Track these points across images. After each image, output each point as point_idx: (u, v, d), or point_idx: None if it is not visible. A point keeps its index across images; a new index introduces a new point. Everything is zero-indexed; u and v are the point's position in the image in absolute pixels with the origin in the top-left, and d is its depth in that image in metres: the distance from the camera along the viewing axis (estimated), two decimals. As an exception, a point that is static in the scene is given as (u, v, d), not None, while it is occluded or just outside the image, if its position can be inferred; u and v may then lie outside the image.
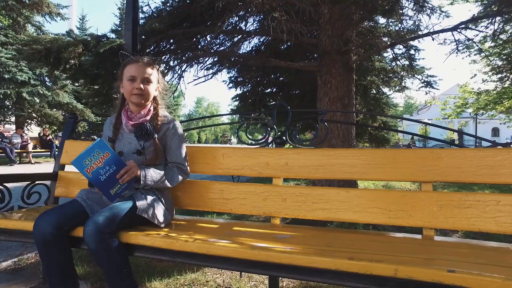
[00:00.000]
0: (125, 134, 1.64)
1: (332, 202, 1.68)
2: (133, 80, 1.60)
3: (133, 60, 1.65)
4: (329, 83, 3.69)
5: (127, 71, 1.63)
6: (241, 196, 1.81)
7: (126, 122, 1.63)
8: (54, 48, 2.14)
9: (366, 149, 1.73)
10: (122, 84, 1.68)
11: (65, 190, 2.09)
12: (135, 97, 1.60)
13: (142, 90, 1.59)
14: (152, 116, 1.66)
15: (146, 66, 1.62)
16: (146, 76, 1.60)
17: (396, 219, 1.57)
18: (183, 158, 1.69)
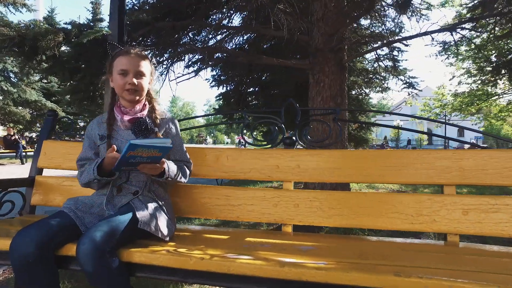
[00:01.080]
0: (120, 131, 1.44)
1: (350, 208, 1.56)
2: (124, 74, 1.41)
3: (123, 52, 1.45)
4: (322, 82, 3.60)
5: (117, 64, 1.43)
6: (249, 202, 1.65)
7: (121, 118, 1.43)
8: (30, 35, 1.86)
9: (383, 150, 1.63)
10: (112, 78, 1.47)
11: (44, 197, 1.83)
12: (127, 93, 1.41)
13: (136, 85, 1.40)
14: (149, 110, 1.48)
15: (139, 58, 1.43)
16: (139, 70, 1.41)
17: (420, 224, 1.47)
18: (186, 154, 1.55)
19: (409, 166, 1.55)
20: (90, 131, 1.52)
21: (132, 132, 1.42)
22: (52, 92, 12.33)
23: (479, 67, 6.16)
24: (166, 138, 1.34)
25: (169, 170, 1.35)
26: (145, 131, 1.41)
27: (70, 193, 1.80)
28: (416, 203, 1.50)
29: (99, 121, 1.51)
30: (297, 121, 1.79)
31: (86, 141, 1.52)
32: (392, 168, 1.57)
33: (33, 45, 1.89)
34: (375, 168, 1.58)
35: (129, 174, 1.40)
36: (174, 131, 1.51)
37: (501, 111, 8.04)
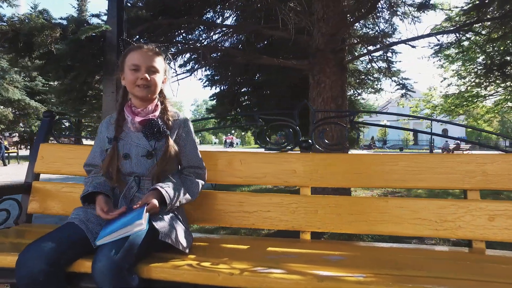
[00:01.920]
0: (130, 133, 1.33)
1: (370, 214, 1.50)
2: (136, 70, 1.31)
3: (136, 47, 1.37)
4: (323, 83, 3.55)
5: (129, 59, 1.34)
6: (264, 208, 1.58)
7: (132, 118, 1.32)
8: (25, 30, 1.72)
9: (404, 154, 1.58)
10: (124, 75, 1.37)
11: (41, 205, 1.70)
12: (139, 90, 1.31)
13: (148, 81, 1.30)
14: (161, 111, 1.38)
15: (152, 53, 1.34)
16: (151, 65, 1.32)
17: (444, 231, 1.43)
18: (201, 159, 1.44)
19: (430, 171, 1.51)
20: (100, 133, 1.41)
21: (143, 135, 1.32)
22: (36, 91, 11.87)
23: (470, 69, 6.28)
24: (138, 215, 1.07)
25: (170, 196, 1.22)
26: (157, 134, 1.31)
27: (69, 200, 1.68)
28: (439, 208, 1.46)
29: (109, 122, 1.41)
30: (313, 123, 1.72)
31: (95, 144, 1.41)
32: (413, 173, 1.52)
33: (27, 41, 1.75)
34: (397, 173, 1.54)
35: (140, 182, 1.30)
36: (186, 132, 1.41)
37: (488, 112, 8.26)
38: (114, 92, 2.25)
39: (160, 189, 1.22)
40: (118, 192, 1.31)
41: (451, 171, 1.49)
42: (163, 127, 1.32)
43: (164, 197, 1.21)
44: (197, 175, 1.42)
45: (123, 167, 1.29)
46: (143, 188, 1.30)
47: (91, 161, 1.39)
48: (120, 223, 1.06)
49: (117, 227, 1.04)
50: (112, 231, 1.03)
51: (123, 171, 1.30)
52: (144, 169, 1.29)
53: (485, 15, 3.70)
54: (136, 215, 1.06)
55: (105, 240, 1.02)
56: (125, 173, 1.30)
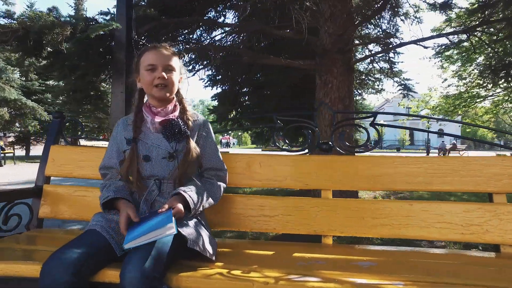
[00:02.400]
0: (150, 134, 1.28)
1: (394, 217, 1.47)
2: (153, 70, 1.27)
3: (150, 47, 1.32)
4: (330, 83, 3.52)
5: (144, 60, 1.30)
6: (286, 212, 1.54)
7: (151, 119, 1.28)
8: (36, 28, 1.65)
9: (426, 157, 1.55)
10: (139, 77, 1.33)
11: (52, 209, 1.64)
12: (157, 90, 1.27)
13: (165, 80, 1.26)
14: (180, 111, 1.34)
15: (167, 52, 1.30)
16: (168, 64, 1.28)
17: (470, 235, 1.40)
18: (221, 161, 1.40)
19: (455, 174, 1.48)
20: (116, 134, 1.36)
21: (164, 136, 1.27)
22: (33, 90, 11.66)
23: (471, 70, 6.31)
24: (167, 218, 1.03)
25: (194, 201, 1.18)
26: (178, 135, 1.26)
27: (82, 205, 1.63)
28: (465, 212, 1.43)
29: (125, 123, 1.35)
30: (333, 125, 1.68)
31: (111, 145, 1.36)
32: (438, 175, 1.50)
33: (37, 39, 1.69)
34: (420, 175, 1.51)
35: (160, 185, 1.25)
36: (207, 136, 1.37)
37: (487, 112, 8.31)
38: (123, 92, 2.20)
39: (183, 193, 1.17)
40: (138, 196, 1.26)
41: (476, 173, 1.46)
42: (184, 128, 1.28)
43: (188, 202, 1.16)
44: (218, 177, 1.38)
45: (143, 169, 1.25)
46: (164, 191, 1.25)
47: (107, 163, 1.34)
48: (147, 226, 1.02)
49: (145, 230, 0.99)
50: (140, 234, 0.99)
51: (143, 174, 1.25)
52: (165, 172, 1.24)
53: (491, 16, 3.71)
54: (164, 219, 1.02)
55: (132, 244, 0.98)
56: (145, 176, 1.25)
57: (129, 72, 2.23)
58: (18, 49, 1.78)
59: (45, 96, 12.21)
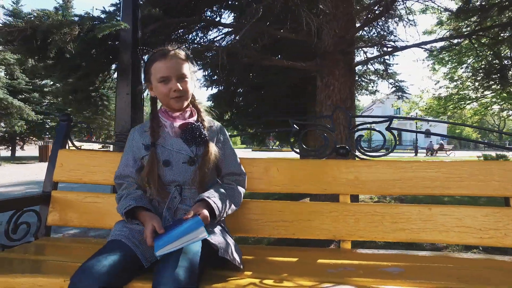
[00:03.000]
0: (169, 139, 1.25)
1: (413, 222, 1.48)
2: (166, 81, 1.23)
3: (159, 56, 1.25)
4: (332, 85, 3.52)
5: (156, 72, 1.25)
6: (305, 217, 1.52)
7: (171, 123, 1.24)
8: (43, 27, 1.57)
9: (446, 161, 1.56)
10: (152, 87, 1.30)
11: (62, 216, 1.58)
12: (174, 102, 1.25)
13: (181, 90, 1.23)
14: (199, 116, 1.31)
15: (178, 59, 1.25)
16: (181, 73, 1.24)
17: (489, 239, 1.42)
18: (240, 165, 1.38)
19: (472, 178, 1.50)
20: (132, 141, 1.31)
21: (184, 140, 1.24)
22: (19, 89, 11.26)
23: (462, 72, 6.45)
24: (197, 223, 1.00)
25: (219, 207, 1.15)
26: (198, 138, 1.23)
27: (93, 211, 1.57)
28: (483, 216, 1.44)
29: (142, 130, 1.31)
30: (349, 128, 1.68)
31: (126, 153, 1.31)
32: (455, 180, 1.51)
33: (45, 39, 1.61)
34: (438, 180, 1.51)
35: (182, 191, 1.22)
36: (224, 141, 1.35)
37: (476, 114, 8.53)
38: (129, 94, 2.14)
39: (207, 199, 1.14)
40: (157, 204, 1.22)
41: (494, 178, 1.48)
42: (204, 132, 1.25)
43: (213, 208, 1.13)
44: (238, 182, 1.35)
45: (163, 175, 1.21)
46: (185, 198, 1.22)
47: (123, 171, 1.29)
48: (177, 232, 0.98)
49: (176, 236, 0.96)
50: (171, 240, 0.95)
51: (163, 180, 1.21)
52: (186, 177, 1.21)
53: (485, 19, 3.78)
54: (194, 224, 0.99)
55: (165, 251, 0.94)
56: (166, 182, 1.22)
57: (135, 73, 2.17)
58: (22, 49, 1.70)
59: (32, 95, 11.83)
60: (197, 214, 1.07)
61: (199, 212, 1.08)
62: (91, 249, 1.43)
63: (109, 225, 1.55)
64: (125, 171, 1.29)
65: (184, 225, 1.01)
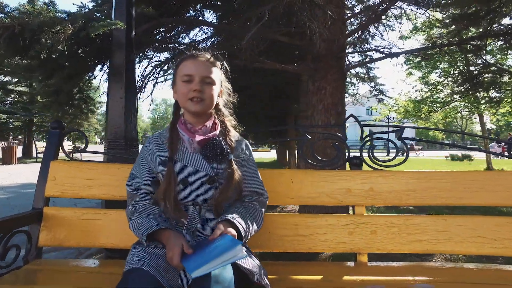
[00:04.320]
0: (187, 155, 1.14)
1: (429, 233, 1.47)
2: (189, 81, 1.14)
3: (189, 56, 1.19)
4: (324, 89, 3.52)
5: (181, 70, 1.17)
6: (321, 230, 1.47)
7: (189, 138, 1.14)
8: (34, 25, 1.39)
9: (457, 171, 1.56)
10: (176, 88, 1.19)
11: (56, 236, 1.42)
12: (191, 104, 1.14)
13: (201, 93, 1.13)
14: (221, 130, 1.20)
15: (207, 62, 1.17)
16: (206, 75, 1.15)
17: (504, 249, 1.44)
18: (262, 185, 1.28)
19: (484, 188, 1.51)
20: (147, 152, 1.19)
21: (204, 156, 1.13)
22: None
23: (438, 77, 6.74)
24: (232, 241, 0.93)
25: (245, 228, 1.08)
26: (220, 156, 1.13)
27: (93, 229, 1.43)
28: (496, 226, 1.46)
29: (158, 141, 1.20)
30: (361, 137, 1.65)
31: (141, 163, 1.18)
32: (468, 190, 1.52)
33: (33, 38, 1.42)
34: (452, 190, 1.52)
35: (200, 210, 1.12)
36: (249, 158, 1.25)
37: (447, 116, 8.96)
38: (122, 97, 1.99)
39: (233, 220, 1.06)
40: (175, 223, 1.12)
41: (504, 188, 1.50)
42: (227, 148, 1.15)
43: (239, 229, 1.05)
44: (260, 203, 1.25)
45: (180, 194, 1.11)
46: (205, 218, 1.12)
47: (138, 182, 1.16)
48: (212, 251, 0.89)
49: (212, 255, 0.86)
50: (207, 260, 0.85)
51: (180, 199, 1.11)
52: (205, 197, 1.11)
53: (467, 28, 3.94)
54: (228, 242, 0.90)
55: (202, 272, 0.83)
56: (183, 201, 1.11)
57: (129, 75, 2.02)
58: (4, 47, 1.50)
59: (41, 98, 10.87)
60: (225, 233, 0.98)
61: (226, 232, 0.99)
62: (90, 274, 1.30)
63: (111, 244, 1.42)
64: (139, 183, 1.17)
65: (215, 243, 0.92)
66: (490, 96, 5.77)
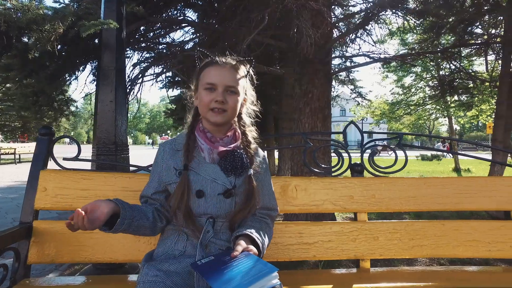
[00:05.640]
0: (204, 165, 1.08)
1: (429, 238, 1.51)
2: (212, 89, 1.07)
3: (213, 62, 1.10)
4: (310, 93, 3.55)
5: (204, 77, 1.09)
6: (325, 238, 1.47)
7: (209, 147, 1.08)
8: (22, 22, 1.27)
9: (454, 177, 1.62)
10: (197, 95, 1.13)
11: (47, 252, 1.32)
12: (213, 114, 1.07)
13: (224, 104, 1.07)
14: (242, 142, 1.15)
15: (232, 69, 1.09)
16: (230, 84, 1.08)
17: (497, 251, 1.51)
18: (275, 200, 1.24)
19: (480, 193, 1.58)
20: (161, 159, 1.12)
21: (222, 168, 1.08)
22: None
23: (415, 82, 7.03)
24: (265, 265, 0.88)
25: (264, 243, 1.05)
26: (240, 170, 1.09)
27: (89, 244, 1.34)
28: (490, 230, 1.53)
29: (173, 148, 1.12)
30: (362, 144, 1.66)
31: (155, 171, 1.13)
32: (464, 196, 1.57)
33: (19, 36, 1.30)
34: (448, 196, 1.57)
35: (214, 223, 1.07)
36: (265, 172, 1.20)
37: (420, 118, 9.38)
38: (112, 101, 1.89)
39: (251, 235, 1.02)
40: (186, 237, 1.07)
41: (499, 193, 1.57)
42: (247, 162, 1.11)
43: (258, 245, 1.02)
44: (271, 217, 1.21)
45: (194, 205, 1.06)
46: (218, 231, 1.08)
47: (145, 192, 1.11)
48: (243, 276, 0.84)
49: (247, 281, 0.82)
50: (244, 284, 0.81)
51: (193, 210, 1.06)
52: (221, 210, 1.07)
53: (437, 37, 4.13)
54: (262, 267, 0.86)
55: None
56: (197, 213, 1.06)
57: (119, 78, 1.93)
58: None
59: None
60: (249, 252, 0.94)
61: (248, 250, 0.95)
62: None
63: (108, 259, 1.34)
64: (147, 192, 1.12)
65: (244, 264, 0.88)
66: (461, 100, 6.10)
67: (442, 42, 5.25)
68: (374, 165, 1.63)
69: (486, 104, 6.63)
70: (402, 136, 1.70)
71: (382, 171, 1.64)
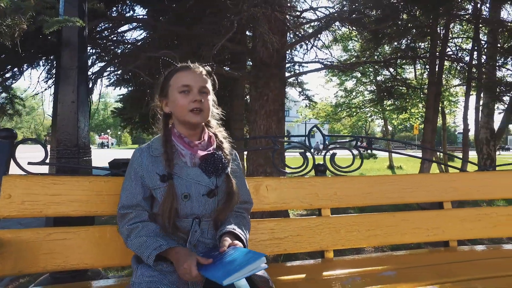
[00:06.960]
0: (186, 169, 1.13)
1: (382, 228, 1.74)
2: (186, 92, 1.13)
3: (183, 67, 1.18)
4: (266, 96, 3.71)
5: (177, 81, 1.15)
6: (294, 233, 1.61)
7: (191, 152, 1.14)
8: None
9: (400, 175, 1.88)
10: (167, 100, 1.18)
11: (15, 263, 1.24)
12: (192, 115, 1.13)
13: (201, 103, 1.14)
14: (217, 143, 1.22)
15: (201, 73, 1.17)
16: (203, 85, 1.16)
17: (434, 236, 1.79)
18: (249, 193, 1.33)
19: (421, 188, 1.85)
20: (139, 166, 1.14)
21: (204, 171, 1.14)
22: None
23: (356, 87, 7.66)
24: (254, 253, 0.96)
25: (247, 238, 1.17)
26: (221, 170, 1.16)
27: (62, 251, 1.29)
28: (429, 218, 1.81)
29: (150, 154, 1.15)
30: (324, 146, 1.84)
31: (131, 180, 1.13)
32: (408, 191, 1.83)
33: None
34: (396, 192, 1.81)
35: (200, 223, 1.14)
36: (238, 168, 1.29)
37: (359, 120, 10.22)
38: (74, 101, 1.81)
39: (234, 231, 1.11)
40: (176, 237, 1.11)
41: (434, 187, 1.86)
42: (225, 162, 1.18)
43: (243, 240, 1.11)
44: (246, 210, 1.32)
45: (180, 208, 1.11)
46: (204, 230, 1.15)
47: (131, 201, 1.11)
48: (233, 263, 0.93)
49: (239, 265, 0.90)
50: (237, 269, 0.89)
51: (179, 212, 1.11)
52: (205, 210, 1.13)
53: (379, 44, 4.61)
54: (250, 254, 0.96)
55: (232, 280, 0.87)
56: (182, 214, 1.12)
57: (81, 77, 1.86)
58: None
59: None
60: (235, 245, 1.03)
61: (234, 244, 1.04)
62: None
63: (84, 265, 1.31)
64: (133, 201, 1.11)
65: (232, 255, 0.96)
66: (396, 104, 6.84)
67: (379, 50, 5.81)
68: (335, 165, 1.82)
69: (415, 108, 7.58)
70: (358, 138, 1.92)
71: (341, 170, 1.83)
